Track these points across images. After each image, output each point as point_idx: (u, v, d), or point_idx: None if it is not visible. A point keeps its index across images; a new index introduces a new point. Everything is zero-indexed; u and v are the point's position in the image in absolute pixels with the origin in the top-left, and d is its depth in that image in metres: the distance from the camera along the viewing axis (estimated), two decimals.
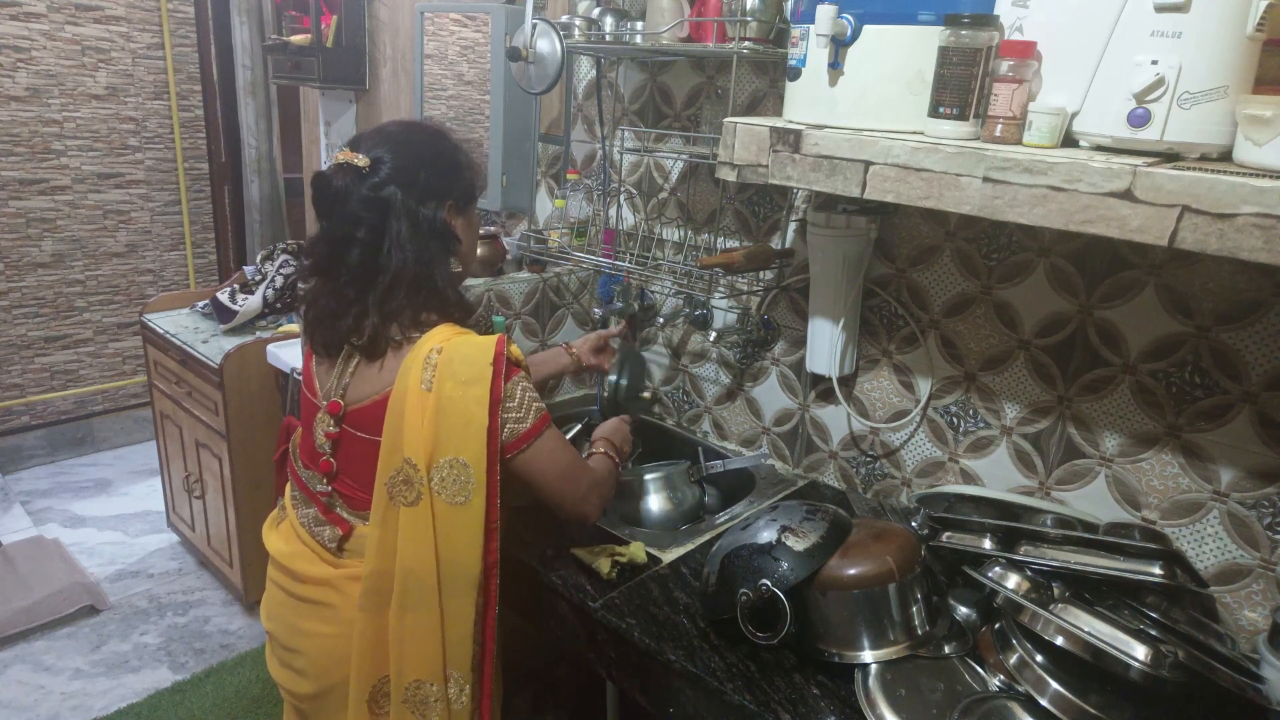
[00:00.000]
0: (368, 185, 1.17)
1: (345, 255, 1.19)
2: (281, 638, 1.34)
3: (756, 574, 1.22)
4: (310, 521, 1.31)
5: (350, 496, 1.27)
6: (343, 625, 1.25)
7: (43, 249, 3.30)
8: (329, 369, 1.27)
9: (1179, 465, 1.33)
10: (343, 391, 1.24)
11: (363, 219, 1.17)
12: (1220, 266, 1.24)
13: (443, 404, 1.14)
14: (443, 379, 1.14)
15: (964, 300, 1.52)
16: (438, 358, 1.15)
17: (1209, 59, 0.97)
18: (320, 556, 1.29)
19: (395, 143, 1.21)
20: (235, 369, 2.31)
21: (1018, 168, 1.03)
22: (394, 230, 1.17)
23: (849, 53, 1.22)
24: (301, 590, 1.29)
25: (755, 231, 1.82)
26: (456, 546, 1.18)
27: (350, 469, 1.26)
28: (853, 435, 1.75)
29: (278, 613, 1.35)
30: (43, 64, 3.15)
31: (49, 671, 2.36)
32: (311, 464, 1.30)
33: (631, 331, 1.99)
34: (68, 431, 3.53)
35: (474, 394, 1.15)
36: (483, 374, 1.15)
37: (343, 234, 1.18)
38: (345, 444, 1.25)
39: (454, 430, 1.15)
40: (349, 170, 1.17)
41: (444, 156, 1.24)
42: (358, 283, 1.19)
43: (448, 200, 1.23)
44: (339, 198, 1.18)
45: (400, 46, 2.70)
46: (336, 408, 1.24)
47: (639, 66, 1.95)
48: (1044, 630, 1.10)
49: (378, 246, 1.18)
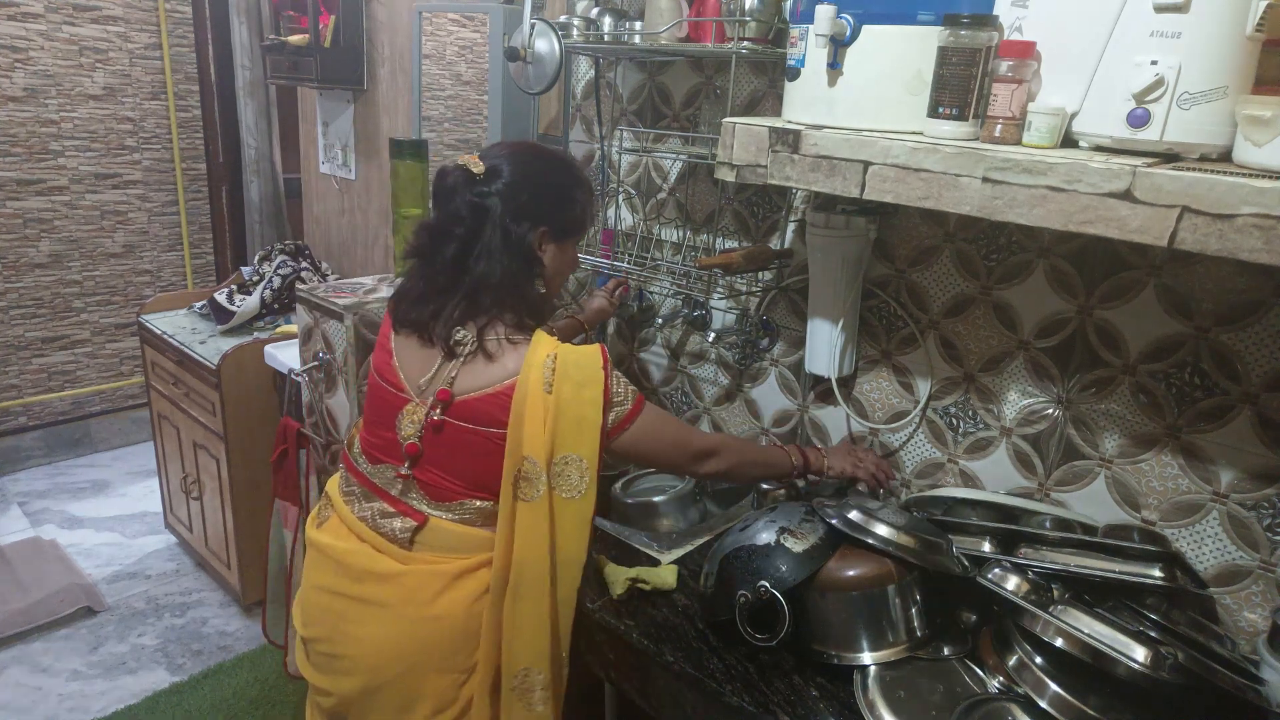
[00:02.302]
0: (474, 191, 1.27)
1: (443, 247, 1.29)
2: (326, 644, 1.34)
3: (755, 575, 1.22)
4: (374, 515, 1.32)
5: (434, 485, 1.30)
6: (403, 624, 1.28)
7: (40, 249, 3.30)
8: (420, 363, 1.31)
9: (1179, 466, 1.33)
10: (451, 381, 1.28)
11: (463, 219, 1.27)
12: (1220, 267, 1.24)
13: (562, 405, 1.23)
14: (561, 381, 1.23)
15: (963, 301, 1.52)
16: (555, 363, 1.24)
17: (1209, 59, 0.96)
18: (384, 551, 1.30)
19: (515, 160, 1.30)
20: (233, 370, 2.30)
21: (1017, 168, 1.03)
22: (486, 237, 1.27)
23: (848, 53, 1.21)
24: (359, 590, 1.30)
25: (754, 232, 1.82)
26: (570, 536, 1.27)
27: (441, 458, 1.30)
28: (852, 436, 1.75)
29: (322, 618, 1.34)
30: (40, 64, 3.14)
31: (46, 673, 2.36)
32: (387, 456, 1.33)
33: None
34: (65, 432, 3.53)
35: (588, 395, 1.25)
36: (595, 377, 1.26)
37: (444, 228, 1.29)
38: (447, 432, 1.29)
39: (570, 428, 1.24)
40: (464, 172, 1.28)
41: (556, 187, 1.34)
42: (448, 274, 1.29)
43: (541, 226, 1.30)
44: (448, 194, 1.29)
45: (398, 46, 2.70)
46: (445, 394, 1.28)
47: (637, 66, 1.95)
48: (1043, 632, 1.10)
49: (470, 248, 1.27)
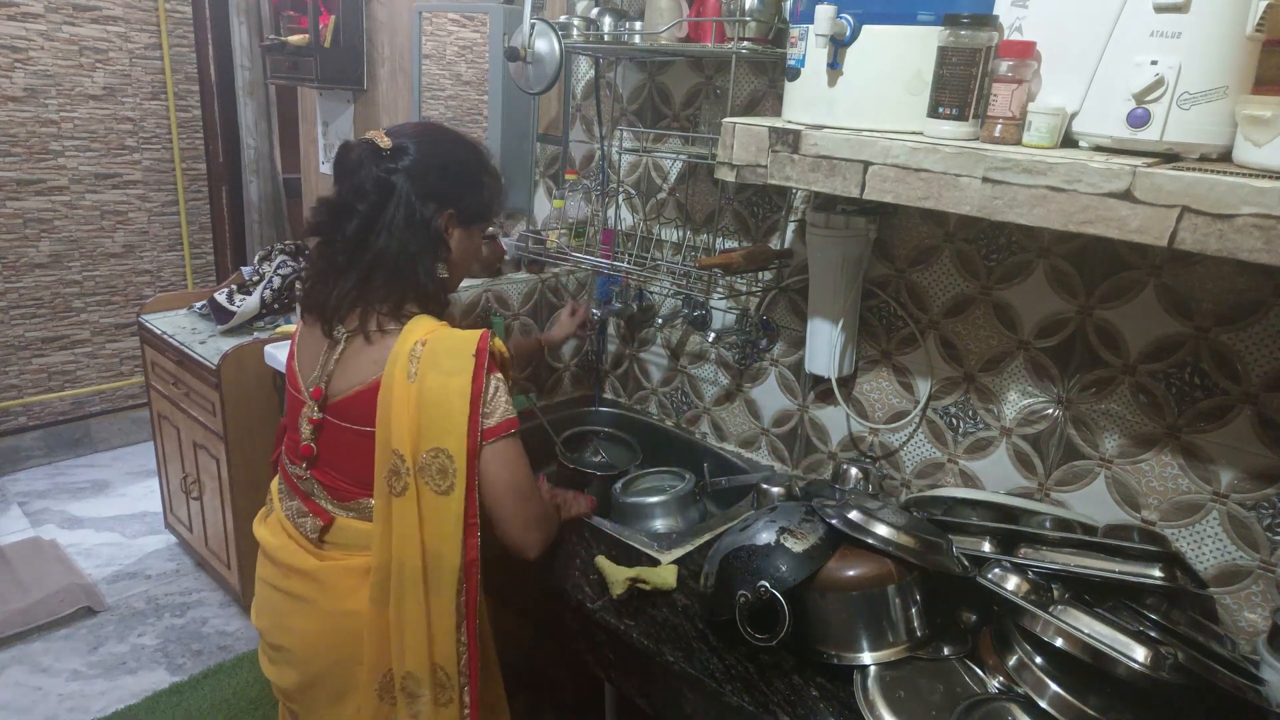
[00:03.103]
0: (381, 166, 1.22)
1: (344, 223, 1.23)
2: (269, 634, 1.37)
3: (755, 575, 1.22)
4: (294, 513, 1.33)
5: (331, 486, 1.29)
6: (324, 618, 1.28)
7: (40, 249, 3.29)
8: (312, 358, 1.29)
9: (1178, 466, 1.33)
10: (326, 380, 1.26)
11: (366, 194, 1.22)
12: (1220, 267, 1.24)
13: (425, 394, 1.17)
14: (426, 370, 1.17)
15: (963, 301, 1.52)
16: (422, 350, 1.18)
17: (1208, 59, 0.96)
18: (304, 548, 1.31)
19: (423, 140, 1.26)
20: (233, 370, 2.30)
21: (1017, 168, 1.03)
22: (389, 215, 1.22)
23: (848, 53, 1.21)
24: (287, 584, 1.31)
25: (754, 232, 1.82)
26: (440, 536, 1.20)
27: (332, 458, 1.28)
28: (852, 436, 1.75)
29: (265, 609, 1.37)
30: (40, 64, 3.14)
31: (46, 673, 2.36)
32: (295, 456, 1.32)
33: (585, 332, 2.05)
34: (65, 432, 3.53)
35: (455, 385, 1.17)
36: (465, 365, 1.17)
37: (346, 203, 1.24)
38: (328, 431, 1.27)
39: (436, 420, 1.17)
40: (370, 147, 1.23)
41: (464, 168, 1.29)
42: (348, 252, 1.24)
43: (449, 209, 1.26)
44: (352, 168, 1.24)
45: (398, 46, 2.70)
46: (319, 393, 1.26)
47: (637, 66, 1.95)
48: (1043, 632, 1.10)
49: (372, 225, 1.22)
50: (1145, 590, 1.21)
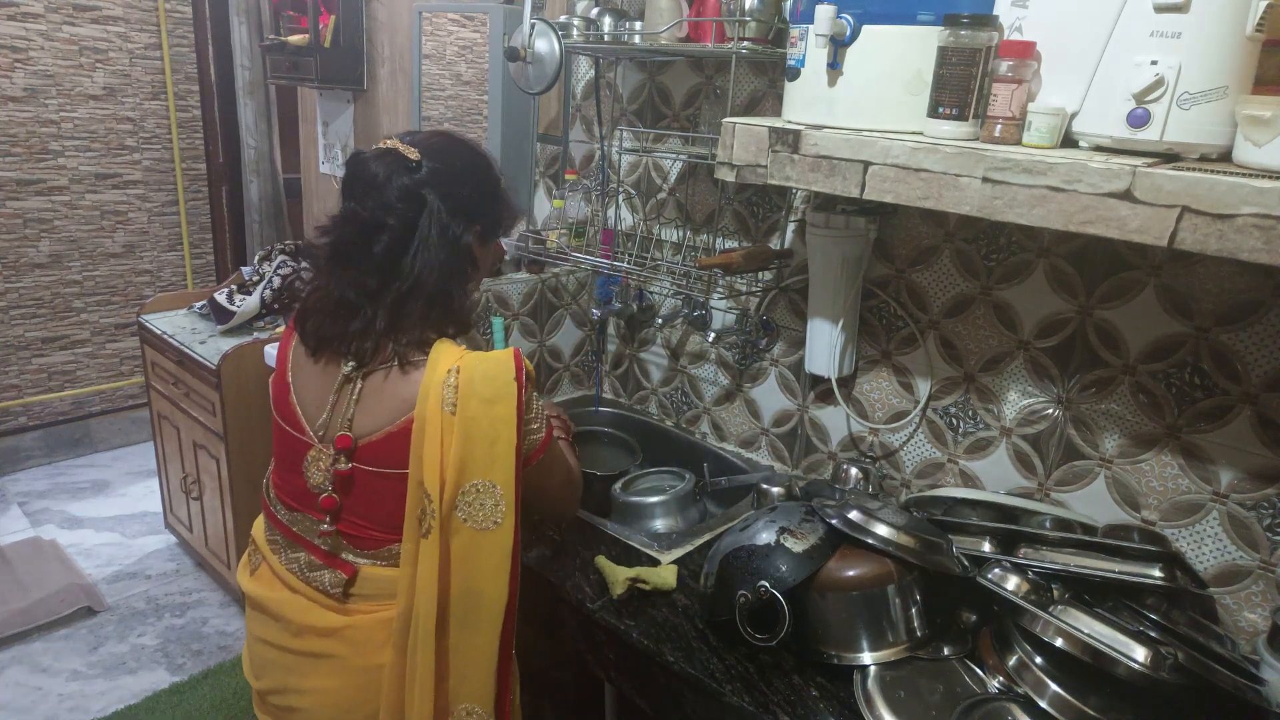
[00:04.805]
0: (410, 178, 1.12)
1: (372, 243, 1.11)
2: (276, 697, 1.24)
3: (755, 575, 1.22)
4: (303, 567, 1.20)
5: (358, 537, 1.17)
6: (352, 674, 1.18)
7: (40, 249, 3.29)
8: (317, 396, 1.17)
9: (1178, 466, 1.33)
10: (348, 424, 1.14)
11: (396, 209, 1.11)
12: (1220, 267, 1.24)
13: (468, 426, 1.08)
14: (466, 399, 1.08)
15: (963, 301, 1.52)
16: (457, 378, 1.09)
17: (1208, 59, 0.96)
18: (322, 605, 1.18)
19: (445, 152, 1.16)
20: (233, 370, 2.30)
21: (1017, 168, 1.03)
22: (424, 233, 1.12)
23: (848, 53, 1.21)
24: (301, 644, 1.20)
25: (754, 232, 1.82)
26: (482, 575, 1.11)
27: (359, 507, 1.17)
28: (852, 436, 1.75)
29: (269, 670, 1.25)
30: (40, 64, 3.14)
31: (46, 673, 2.36)
32: (303, 506, 1.19)
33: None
34: (65, 432, 3.53)
35: (499, 412, 1.09)
36: (506, 391, 1.09)
37: (374, 220, 1.11)
38: (359, 481, 1.15)
39: (480, 452, 1.08)
40: (394, 157, 1.12)
41: (487, 183, 1.21)
42: (380, 274, 1.12)
43: (475, 225, 1.18)
44: (375, 183, 1.11)
45: (398, 46, 2.70)
46: (347, 442, 1.13)
47: (637, 66, 1.95)
48: (1043, 632, 1.10)
49: (405, 245, 1.11)
50: (1145, 590, 1.21)
